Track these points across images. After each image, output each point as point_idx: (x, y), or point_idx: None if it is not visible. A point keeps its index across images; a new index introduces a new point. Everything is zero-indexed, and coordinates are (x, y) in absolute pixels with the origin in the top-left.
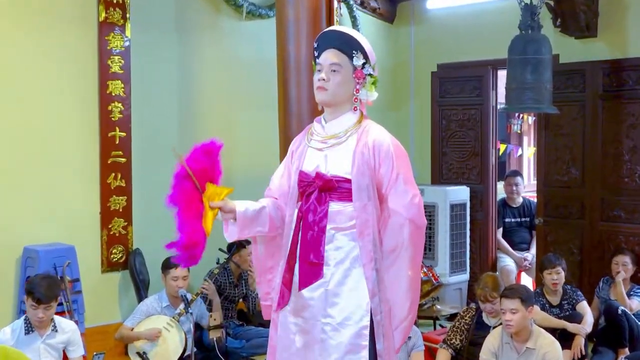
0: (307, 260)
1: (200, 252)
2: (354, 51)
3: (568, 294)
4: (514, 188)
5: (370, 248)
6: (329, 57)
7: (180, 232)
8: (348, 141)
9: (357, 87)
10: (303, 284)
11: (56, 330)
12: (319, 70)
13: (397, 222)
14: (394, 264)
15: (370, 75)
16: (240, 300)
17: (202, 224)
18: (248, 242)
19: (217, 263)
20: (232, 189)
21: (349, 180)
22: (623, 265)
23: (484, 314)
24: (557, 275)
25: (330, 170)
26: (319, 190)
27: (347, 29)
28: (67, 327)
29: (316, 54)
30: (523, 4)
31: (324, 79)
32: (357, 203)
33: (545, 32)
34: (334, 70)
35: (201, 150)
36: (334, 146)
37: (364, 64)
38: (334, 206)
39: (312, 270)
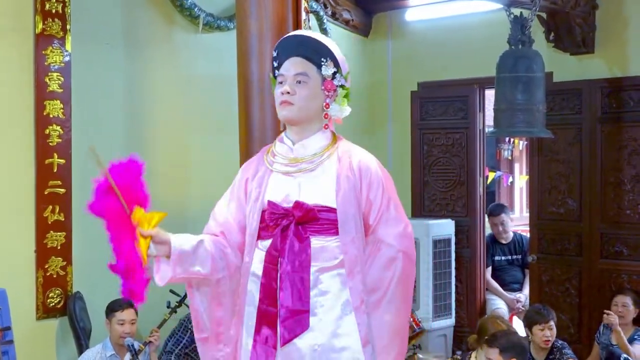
0: (289, 308)
1: (141, 285)
2: (322, 59)
3: (555, 352)
4: (500, 228)
5: (362, 289)
6: (293, 66)
7: (117, 255)
8: (325, 164)
9: (327, 101)
10: (285, 338)
11: None
12: (281, 83)
13: (387, 256)
14: (379, 305)
15: (342, 86)
16: None
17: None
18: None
19: (168, 307)
20: (165, 214)
21: (333, 210)
22: (623, 307)
23: None
24: (550, 332)
25: (308, 198)
26: (296, 223)
27: (313, 33)
28: None
29: (276, 64)
30: (512, 16)
31: (288, 92)
32: (345, 236)
33: (537, 48)
34: (300, 82)
35: (124, 166)
36: (307, 171)
37: (334, 73)
38: (316, 242)
39: (296, 320)
